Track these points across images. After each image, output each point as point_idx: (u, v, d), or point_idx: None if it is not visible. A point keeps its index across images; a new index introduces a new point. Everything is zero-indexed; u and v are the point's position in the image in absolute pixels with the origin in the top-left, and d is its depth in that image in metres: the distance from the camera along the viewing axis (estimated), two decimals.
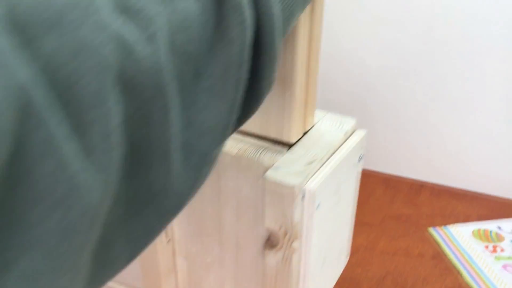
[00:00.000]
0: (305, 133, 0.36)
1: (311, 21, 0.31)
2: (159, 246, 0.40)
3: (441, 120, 0.76)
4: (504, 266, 0.59)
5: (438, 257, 0.61)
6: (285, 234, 0.31)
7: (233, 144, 0.34)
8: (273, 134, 0.33)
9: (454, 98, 0.74)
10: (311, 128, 0.36)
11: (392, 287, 0.57)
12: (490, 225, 0.67)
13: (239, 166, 0.33)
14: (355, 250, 0.63)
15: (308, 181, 0.31)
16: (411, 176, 0.80)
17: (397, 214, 0.71)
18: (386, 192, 0.76)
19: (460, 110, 0.74)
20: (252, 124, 0.34)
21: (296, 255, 0.32)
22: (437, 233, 0.66)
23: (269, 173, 0.31)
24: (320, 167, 0.32)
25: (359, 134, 0.37)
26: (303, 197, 0.30)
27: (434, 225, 0.67)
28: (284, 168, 0.31)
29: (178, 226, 0.40)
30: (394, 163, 0.82)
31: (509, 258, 0.61)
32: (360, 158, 0.38)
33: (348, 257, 0.43)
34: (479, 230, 0.66)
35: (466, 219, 0.69)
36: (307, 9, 0.30)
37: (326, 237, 0.35)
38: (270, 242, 0.33)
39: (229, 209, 0.36)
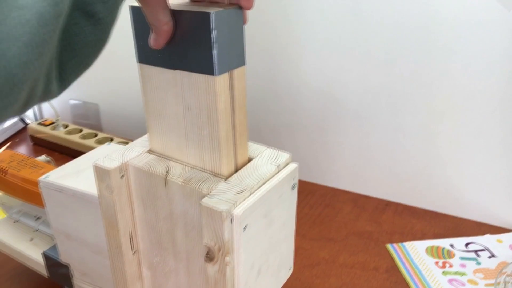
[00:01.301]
0: (243, 166, 0.43)
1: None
2: (127, 257, 0.47)
3: (408, 143, 0.82)
4: (450, 281, 0.65)
5: (391, 270, 0.68)
6: (219, 249, 0.38)
7: (180, 174, 0.41)
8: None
9: (415, 123, 0.80)
10: (249, 162, 0.44)
11: None
12: (443, 243, 0.73)
13: (184, 193, 0.40)
14: (317, 262, 0.70)
15: (236, 207, 0.38)
16: (378, 195, 0.87)
17: (360, 231, 0.77)
18: (353, 210, 0.83)
19: (424, 133, 0.81)
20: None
21: (229, 267, 0.39)
22: (393, 248, 0.72)
23: (204, 200, 0.38)
24: (249, 195, 0.39)
25: (291, 167, 0.44)
26: (232, 220, 0.37)
27: (392, 241, 0.74)
28: (217, 196, 0.38)
29: (142, 240, 0.47)
30: (363, 183, 0.89)
31: (456, 273, 0.67)
32: (293, 187, 0.45)
33: (291, 270, 0.50)
34: (432, 246, 0.72)
35: (422, 236, 0.75)
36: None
37: (259, 253, 0.42)
38: (209, 256, 0.40)
39: (179, 228, 0.43)
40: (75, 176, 0.51)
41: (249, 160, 0.44)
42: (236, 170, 0.42)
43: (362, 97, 0.83)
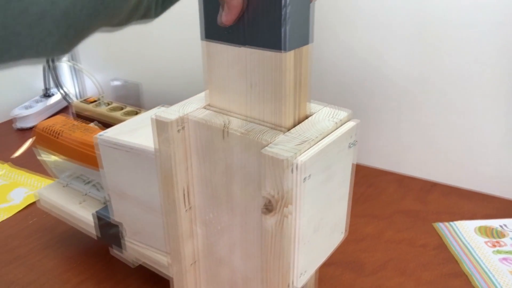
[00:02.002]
0: (302, 122, 0.42)
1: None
2: (180, 213, 0.47)
3: (455, 122, 0.80)
4: (502, 259, 0.63)
5: (440, 248, 0.66)
6: (279, 200, 0.38)
7: (240, 126, 0.41)
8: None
9: (464, 103, 0.78)
10: (308, 118, 0.43)
11: (392, 271, 0.62)
12: (494, 223, 0.71)
13: (243, 144, 0.40)
14: (363, 237, 0.69)
15: (298, 156, 0.37)
16: (423, 176, 0.85)
17: (406, 209, 0.76)
18: (398, 190, 0.81)
19: (472, 112, 0.78)
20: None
21: (288, 219, 0.39)
22: (441, 227, 0.70)
23: (267, 149, 0.37)
24: (310, 146, 0.39)
25: (350, 124, 0.43)
26: (294, 168, 0.37)
27: (440, 221, 0.72)
28: (279, 145, 0.38)
29: (196, 196, 0.47)
30: (407, 163, 0.87)
31: (508, 252, 0.64)
32: (351, 145, 0.44)
33: (344, 235, 0.49)
34: (482, 227, 0.70)
35: (471, 217, 0.73)
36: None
37: (317, 208, 0.41)
38: (267, 208, 0.39)
39: (236, 181, 0.43)
40: (130, 133, 0.52)
41: (308, 116, 0.44)
42: (295, 125, 0.42)
43: (408, 74, 0.81)
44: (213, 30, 0.42)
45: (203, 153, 0.44)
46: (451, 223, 0.71)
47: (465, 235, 0.68)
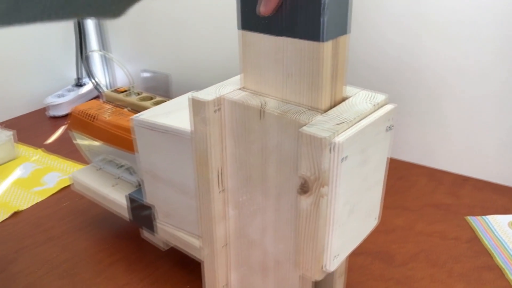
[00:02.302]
0: (338, 104, 0.42)
1: None
2: (214, 195, 0.48)
3: (487, 114, 0.79)
4: None
5: (473, 241, 0.65)
6: (315, 180, 0.38)
7: (277, 107, 0.41)
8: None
9: (499, 97, 0.76)
10: (345, 100, 0.43)
11: (424, 262, 0.61)
12: None
13: (280, 125, 0.40)
14: (393, 229, 0.68)
15: (336, 136, 0.37)
16: (455, 171, 0.83)
17: (437, 203, 0.74)
18: (429, 184, 0.80)
19: (504, 109, 0.76)
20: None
21: (324, 200, 0.39)
22: (474, 221, 0.69)
23: (305, 128, 0.37)
24: (349, 127, 0.39)
25: (388, 107, 0.43)
26: (331, 148, 0.37)
27: (472, 215, 0.71)
28: (317, 125, 0.38)
29: (230, 178, 0.48)
30: (438, 157, 0.85)
31: None
32: (388, 129, 0.43)
33: (377, 221, 0.48)
34: None
35: (504, 212, 0.71)
36: None
37: (353, 191, 0.41)
38: (303, 188, 0.39)
39: (271, 163, 0.43)
40: (165, 116, 0.52)
41: (345, 99, 0.44)
42: (332, 107, 0.42)
43: (443, 65, 0.80)
44: (250, 20, 0.42)
45: (238, 134, 0.45)
46: (484, 217, 0.70)
47: (498, 229, 0.67)
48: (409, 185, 0.80)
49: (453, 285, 0.57)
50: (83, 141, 0.68)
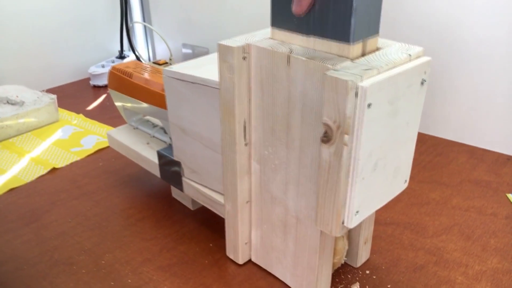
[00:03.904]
0: (371, 53, 0.40)
1: None
2: (239, 147, 0.47)
3: None
4: None
5: None
6: (338, 127, 0.37)
7: (304, 53, 0.40)
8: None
9: None
10: (377, 50, 0.41)
11: (457, 235, 0.58)
12: None
13: (307, 70, 0.39)
14: (427, 202, 0.65)
15: (363, 80, 0.36)
16: (498, 150, 0.79)
17: (477, 179, 0.71)
18: (469, 161, 0.76)
19: None
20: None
21: (346, 149, 0.37)
22: None
23: (330, 72, 0.36)
24: (379, 73, 0.37)
25: (424, 59, 0.41)
26: (357, 92, 0.35)
27: None
28: (344, 70, 0.36)
29: (255, 130, 0.47)
30: (481, 135, 0.81)
31: None
32: (423, 82, 0.41)
33: (406, 184, 0.47)
34: None
35: None
36: None
37: (379, 143, 0.39)
38: (326, 136, 0.38)
39: (296, 112, 0.42)
40: (195, 68, 0.52)
41: (378, 49, 0.42)
42: (363, 56, 0.40)
43: (488, 38, 0.75)
44: (280, 18, 0.42)
45: (265, 83, 0.44)
46: None
47: None
48: (447, 161, 0.76)
49: (487, 258, 0.54)
50: (120, 100, 0.70)
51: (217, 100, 0.48)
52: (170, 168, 0.60)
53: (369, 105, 0.36)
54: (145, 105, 0.64)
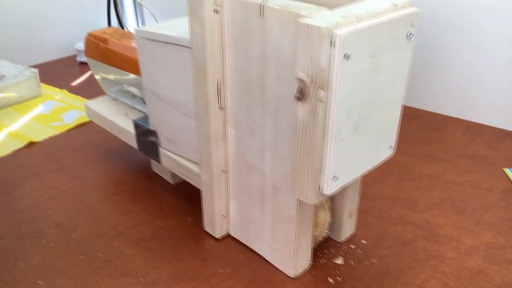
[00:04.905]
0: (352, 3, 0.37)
1: None
2: (213, 111, 0.44)
3: None
4: None
5: (508, 192, 0.58)
6: (313, 83, 0.33)
7: (279, 3, 0.36)
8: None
9: None
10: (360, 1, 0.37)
11: (450, 209, 0.55)
12: None
13: (281, 21, 0.36)
14: (419, 176, 0.62)
15: (339, 28, 0.32)
16: (495, 125, 0.76)
17: (473, 154, 0.67)
18: (466, 136, 0.73)
19: None
20: None
21: (322, 107, 0.34)
22: None
23: (304, 19, 0.33)
24: (358, 21, 0.33)
25: (410, 10, 0.37)
26: (332, 42, 0.32)
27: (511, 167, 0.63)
28: (319, 18, 0.33)
29: (229, 94, 0.44)
30: (479, 110, 0.78)
31: None
32: (409, 36, 0.38)
33: (392, 151, 0.43)
34: None
35: None
36: None
37: (359, 101, 0.36)
38: (300, 93, 0.35)
39: (270, 70, 0.38)
40: (170, 28, 0.49)
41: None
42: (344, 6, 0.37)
43: (484, 9, 0.71)
44: None
45: (238, 38, 0.40)
46: None
47: None
48: (443, 136, 0.73)
49: (480, 233, 0.51)
50: (97, 69, 0.66)
51: (190, 60, 0.45)
52: (147, 138, 0.57)
53: (347, 57, 0.33)
54: (122, 72, 0.60)
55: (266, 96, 0.40)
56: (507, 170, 0.62)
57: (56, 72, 1.05)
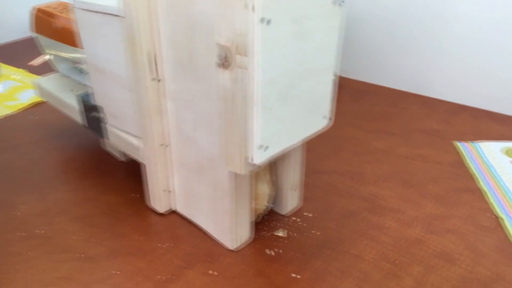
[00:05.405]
0: None
1: None
2: (146, 83, 0.43)
3: (487, 43, 0.70)
4: None
5: (456, 165, 0.59)
6: (234, 48, 0.33)
7: None
8: None
9: (499, 22, 0.68)
10: None
11: (397, 182, 0.56)
12: None
13: None
14: (370, 151, 0.62)
15: None
16: (452, 100, 0.76)
17: (427, 129, 0.68)
18: (421, 111, 0.73)
19: (505, 34, 0.68)
20: None
21: (246, 74, 0.33)
22: (463, 146, 0.62)
23: None
24: None
25: None
26: (250, 5, 0.31)
27: (463, 140, 0.64)
28: None
29: (166, 65, 0.43)
30: (435, 86, 0.78)
31: None
32: (337, 2, 0.37)
33: (327, 121, 0.43)
34: (510, 148, 0.61)
35: (500, 138, 0.64)
36: None
37: (284, 69, 0.35)
38: (221, 59, 0.34)
39: (198, 34, 0.38)
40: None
41: None
42: None
43: None
44: None
45: (168, 7, 0.39)
46: (474, 142, 0.63)
47: (488, 154, 0.60)
48: (398, 111, 0.73)
49: (423, 204, 0.52)
50: (44, 45, 0.65)
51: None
52: (93, 114, 0.56)
53: (267, 21, 0.32)
54: (67, 47, 0.59)
55: (196, 65, 0.39)
56: (456, 143, 0.63)
57: (18, 53, 1.03)
